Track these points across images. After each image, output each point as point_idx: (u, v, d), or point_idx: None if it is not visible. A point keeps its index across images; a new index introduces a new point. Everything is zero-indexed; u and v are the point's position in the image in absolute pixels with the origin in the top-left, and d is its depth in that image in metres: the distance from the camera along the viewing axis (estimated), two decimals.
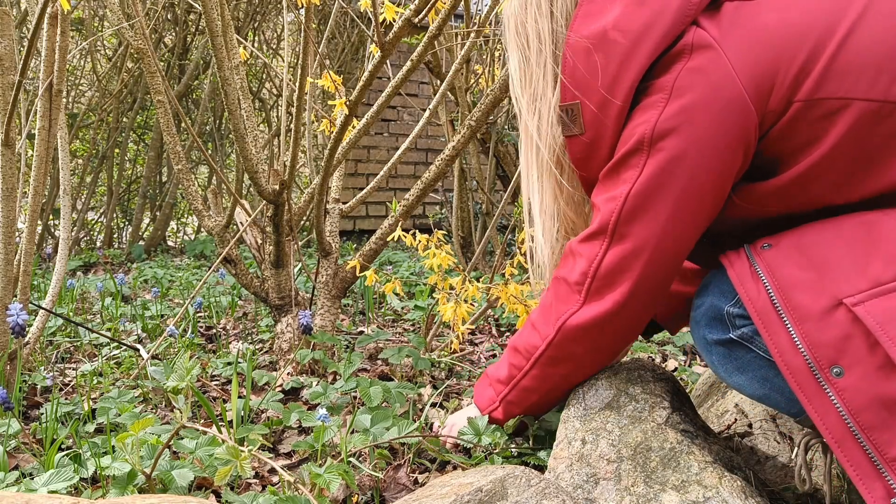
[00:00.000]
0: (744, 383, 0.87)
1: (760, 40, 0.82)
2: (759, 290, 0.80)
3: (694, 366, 1.77)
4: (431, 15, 1.32)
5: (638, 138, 0.86)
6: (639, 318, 0.95)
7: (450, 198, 3.21)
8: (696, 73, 0.83)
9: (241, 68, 1.68)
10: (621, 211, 0.89)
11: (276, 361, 1.70)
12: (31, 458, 1.13)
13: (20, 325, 1.31)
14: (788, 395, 0.82)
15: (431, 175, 1.64)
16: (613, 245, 0.90)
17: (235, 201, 1.83)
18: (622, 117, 0.88)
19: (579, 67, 0.90)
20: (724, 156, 0.84)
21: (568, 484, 0.90)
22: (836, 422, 0.74)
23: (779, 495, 0.99)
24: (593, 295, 0.94)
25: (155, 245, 4.60)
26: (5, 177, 1.39)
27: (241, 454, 0.84)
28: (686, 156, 0.84)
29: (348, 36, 4.62)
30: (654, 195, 0.87)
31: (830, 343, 0.74)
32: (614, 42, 0.86)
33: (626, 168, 0.88)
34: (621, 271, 0.91)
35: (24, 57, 1.32)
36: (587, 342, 0.96)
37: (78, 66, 4.64)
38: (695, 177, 0.85)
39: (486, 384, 1.11)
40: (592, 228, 0.93)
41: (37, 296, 2.55)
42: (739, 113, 0.82)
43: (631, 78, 0.86)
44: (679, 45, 0.84)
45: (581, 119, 0.91)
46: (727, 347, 0.86)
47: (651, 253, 0.89)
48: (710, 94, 0.82)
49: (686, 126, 0.83)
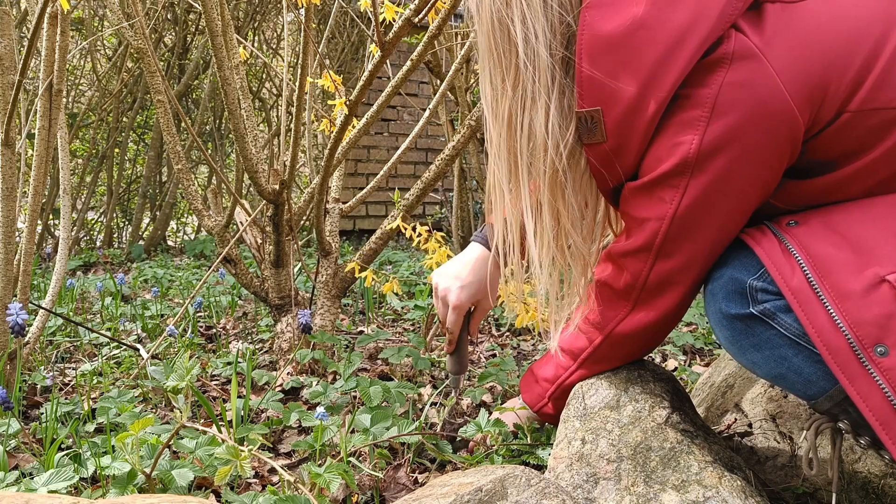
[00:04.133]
0: (758, 361, 0.83)
1: (810, 50, 0.76)
2: (793, 269, 0.76)
3: (694, 366, 1.77)
4: (431, 15, 1.32)
5: (679, 160, 0.80)
6: (680, 317, 0.96)
7: (450, 198, 3.21)
8: (739, 87, 0.76)
9: (241, 68, 1.68)
10: (667, 232, 0.85)
11: (276, 361, 1.70)
12: (30, 458, 1.13)
13: (20, 325, 1.31)
14: (806, 377, 0.79)
15: (431, 175, 1.64)
16: (659, 262, 0.88)
17: (235, 201, 1.83)
18: (653, 126, 0.81)
19: (600, 70, 0.81)
20: (771, 167, 0.81)
21: (568, 483, 0.90)
22: (880, 403, 0.71)
23: (779, 495, 0.99)
24: (641, 304, 0.93)
25: (155, 245, 4.60)
26: (5, 177, 1.39)
27: (241, 454, 0.84)
28: (732, 175, 0.80)
29: (348, 36, 4.62)
30: (700, 215, 0.83)
31: (874, 322, 0.71)
32: (647, 43, 0.78)
33: (667, 188, 0.83)
34: (670, 284, 0.90)
35: (24, 57, 1.32)
36: (630, 345, 0.99)
37: (78, 66, 4.65)
38: (743, 192, 0.82)
39: (533, 381, 1.13)
40: (636, 244, 0.89)
41: (37, 295, 2.55)
42: (787, 126, 0.77)
43: (668, 86, 0.78)
44: (718, 52, 0.77)
45: (602, 126, 0.84)
46: (745, 323, 0.82)
47: (700, 267, 0.88)
48: (756, 111, 0.77)
49: (732, 145, 0.78)
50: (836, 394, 0.77)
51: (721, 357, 1.41)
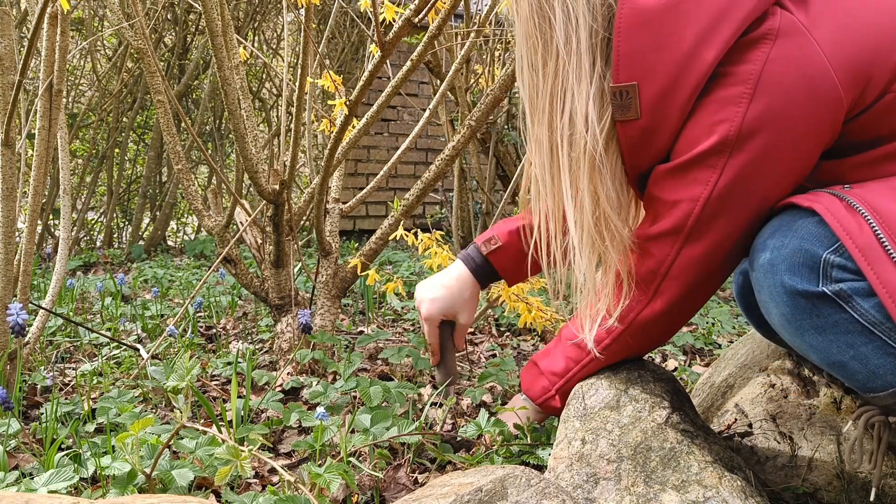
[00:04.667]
0: (817, 345, 0.76)
1: (856, 29, 0.75)
2: (860, 225, 0.71)
3: (694, 366, 1.77)
4: (431, 15, 1.32)
5: (720, 138, 0.77)
6: (701, 304, 0.94)
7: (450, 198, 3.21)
8: (784, 64, 0.74)
9: (241, 68, 1.68)
10: (700, 214, 0.82)
11: (276, 361, 1.70)
12: (30, 458, 1.13)
13: (20, 325, 1.31)
14: (873, 368, 0.74)
15: (431, 175, 1.64)
16: (687, 246, 0.85)
17: (235, 201, 1.83)
18: (690, 103, 0.79)
19: (638, 44, 0.78)
20: (812, 147, 0.78)
21: (568, 484, 0.90)
22: None
23: (779, 495, 0.99)
24: (662, 292, 0.90)
25: (155, 245, 4.60)
26: (5, 177, 1.39)
27: (241, 454, 0.84)
28: (772, 155, 0.77)
29: (348, 36, 4.62)
30: (736, 197, 0.80)
31: None
32: (689, 16, 0.76)
33: (703, 168, 0.80)
34: (693, 268, 0.87)
35: (24, 57, 1.32)
36: (651, 332, 0.96)
37: (78, 66, 4.65)
38: (780, 173, 0.79)
39: (538, 373, 1.09)
40: (664, 226, 0.85)
41: (37, 295, 2.55)
42: (832, 105, 0.75)
43: (709, 61, 0.75)
44: (762, 29, 0.75)
45: (637, 102, 0.81)
46: (811, 301, 0.74)
47: (728, 252, 0.85)
48: (802, 89, 0.74)
49: (775, 123, 0.76)
50: None
51: (721, 357, 1.41)
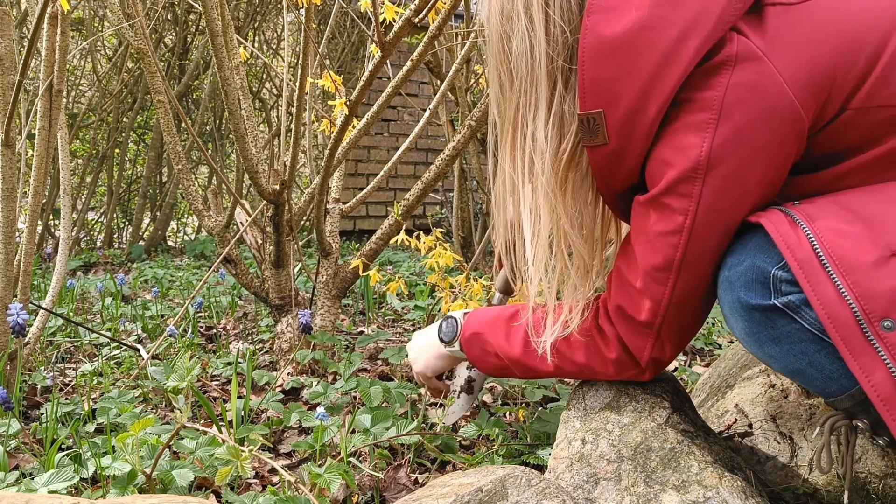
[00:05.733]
0: (776, 355, 0.80)
1: (812, 50, 0.77)
2: (799, 239, 0.75)
3: (694, 366, 1.77)
4: (431, 15, 1.32)
5: (691, 164, 0.80)
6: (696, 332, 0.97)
7: (450, 198, 3.21)
8: (745, 89, 0.77)
9: (241, 68, 1.68)
10: (687, 244, 0.84)
11: (276, 361, 1.70)
12: (31, 458, 1.13)
13: (20, 325, 1.31)
14: (828, 373, 0.77)
15: (431, 175, 1.64)
16: (682, 278, 0.87)
17: (235, 201, 1.83)
18: (655, 126, 0.82)
19: (602, 72, 0.82)
20: (781, 165, 0.81)
21: (568, 484, 0.90)
22: (883, 379, 0.70)
23: (779, 495, 0.99)
24: (666, 329, 0.91)
25: (155, 245, 4.60)
26: (5, 177, 1.39)
27: (241, 454, 0.84)
28: (745, 176, 0.80)
29: (348, 36, 4.62)
30: (717, 220, 0.83)
31: (883, 295, 0.70)
32: (650, 44, 0.79)
33: (679, 197, 0.82)
34: (687, 304, 0.89)
35: (24, 57, 1.32)
36: (667, 363, 0.97)
37: (78, 66, 4.65)
38: (755, 191, 0.82)
39: (488, 351, 1.07)
40: (654, 263, 0.87)
41: (37, 296, 2.55)
42: (793, 124, 0.78)
43: (670, 86, 0.79)
44: (721, 55, 0.78)
45: (605, 128, 0.84)
46: (765, 314, 0.79)
47: (710, 278, 0.88)
48: (764, 111, 0.77)
49: (743, 147, 0.79)
50: (858, 393, 0.75)
51: (721, 357, 1.41)
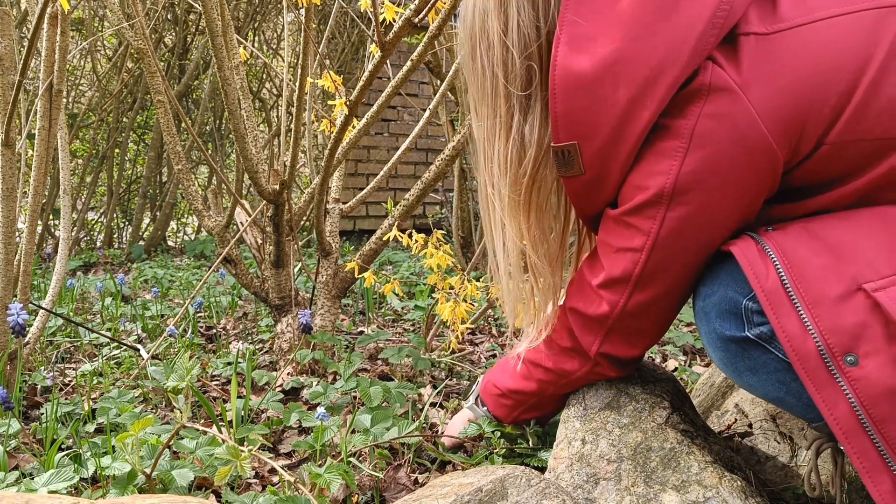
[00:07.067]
0: (755, 384, 0.82)
1: (786, 84, 0.76)
2: (767, 270, 0.75)
3: (694, 366, 1.77)
4: (431, 15, 1.31)
5: (657, 191, 0.81)
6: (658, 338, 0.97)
7: (450, 198, 3.21)
8: (716, 119, 0.77)
9: (241, 68, 1.68)
10: (646, 262, 0.85)
11: (276, 361, 1.70)
12: (31, 458, 1.13)
13: (20, 325, 1.31)
14: (805, 401, 0.77)
15: (431, 175, 1.64)
16: (638, 292, 0.88)
17: (235, 201, 1.83)
18: (632, 157, 0.82)
19: (574, 105, 0.82)
20: (750, 198, 0.81)
21: (568, 484, 0.90)
22: (845, 413, 0.71)
23: (779, 495, 0.99)
24: (616, 332, 0.93)
25: (155, 245, 4.60)
26: (5, 177, 1.39)
27: (241, 454, 0.84)
28: (710, 207, 0.80)
29: (348, 36, 4.61)
30: (678, 245, 0.83)
31: (846, 330, 0.70)
32: (623, 78, 0.79)
33: (643, 218, 0.83)
34: (648, 312, 0.90)
35: (24, 57, 1.32)
36: (622, 365, 0.99)
37: (78, 66, 4.64)
38: (721, 223, 0.82)
39: (499, 395, 1.11)
40: (613, 274, 0.89)
41: (37, 296, 2.55)
42: (765, 158, 0.77)
43: (647, 116, 0.79)
44: (695, 84, 0.77)
45: (580, 160, 0.85)
46: (740, 345, 0.80)
47: (677, 294, 0.89)
48: (733, 144, 0.77)
49: (710, 178, 0.79)
50: None
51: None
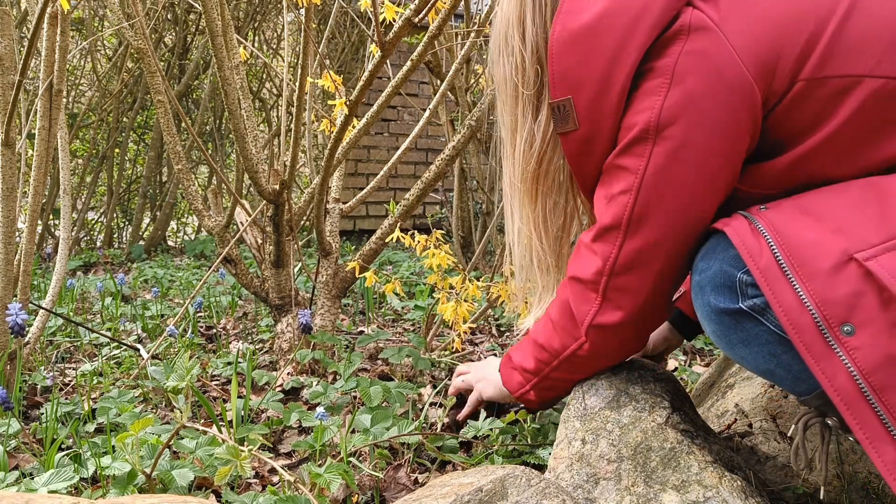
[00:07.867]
0: (747, 357, 0.83)
1: (761, 21, 0.81)
2: (761, 247, 0.77)
3: (694, 366, 1.77)
4: (431, 15, 1.31)
5: (643, 126, 0.84)
6: (664, 307, 0.96)
7: (450, 198, 3.21)
8: (696, 55, 0.81)
9: (241, 68, 1.68)
10: (635, 203, 0.86)
11: (276, 361, 1.70)
12: (31, 458, 1.13)
13: (20, 325, 1.31)
14: (796, 373, 0.79)
15: (431, 175, 1.64)
16: (629, 239, 0.89)
17: (235, 201, 1.83)
18: (621, 104, 0.86)
19: (568, 61, 0.88)
20: (732, 137, 0.83)
21: (568, 484, 0.90)
22: (845, 383, 0.71)
23: (779, 495, 0.99)
24: (612, 292, 0.92)
25: (155, 245, 4.60)
26: (5, 177, 1.39)
27: (241, 454, 0.84)
28: (694, 142, 0.83)
29: (348, 36, 4.61)
30: (666, 184, 0.85)
31: (840, 300, 0.71)
32: (609, 27, 0.84)
33: (632, 157, 0.86)
34: (640, 265, 0.90)
35: (24, 57, 1.32)
36: (615, 340, 0.97)
37: (78, 66, 4.64)
38: (706, 162, 0.84)
39: (511, 368, 1.11)
40: (604, 223, 0.90)
41: (37, 295, 2.55)
42: (744, 94, 0.81)
43: (630, 60, 0.84)
44: (675, 27, 0.83)
45: (574, 114, 0.89)
46: (733, 318, 0.81)
47: (670, 243, 0.88)
48: (713, 78, 0.81)
49: (691, 111, 0.82)
50: (825, 392, 0.75)
51: (721, 357, 1.41)
